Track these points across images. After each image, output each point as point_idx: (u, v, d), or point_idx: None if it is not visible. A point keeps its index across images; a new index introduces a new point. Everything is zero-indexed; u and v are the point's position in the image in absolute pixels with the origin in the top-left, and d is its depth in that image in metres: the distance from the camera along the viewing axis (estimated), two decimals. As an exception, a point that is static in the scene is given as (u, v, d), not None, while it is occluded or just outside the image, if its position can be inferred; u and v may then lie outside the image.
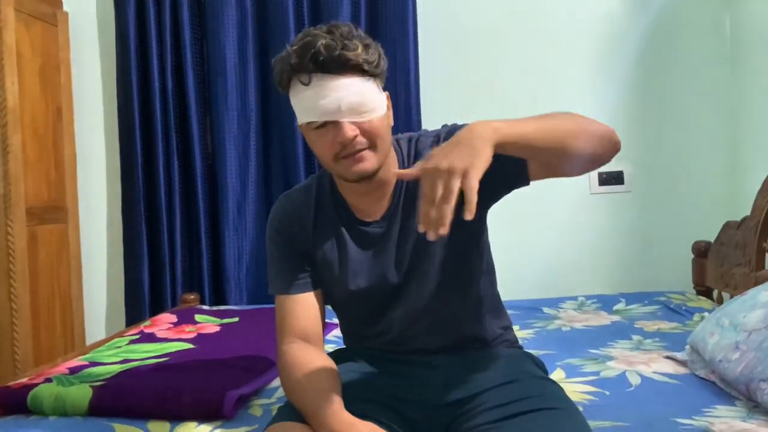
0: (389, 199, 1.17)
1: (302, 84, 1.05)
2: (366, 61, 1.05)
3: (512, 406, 1.03)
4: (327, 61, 1.03)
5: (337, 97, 1.03)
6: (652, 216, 2.65)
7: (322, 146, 1.08)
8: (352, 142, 1.05)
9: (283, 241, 1.20)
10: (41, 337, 2.46)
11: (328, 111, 1.04)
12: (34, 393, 1.39)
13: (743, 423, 1.19)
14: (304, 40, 1.05)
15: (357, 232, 1.17)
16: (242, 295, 2.67)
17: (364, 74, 1.06)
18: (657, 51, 2.64)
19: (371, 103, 1.06)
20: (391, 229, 1.16)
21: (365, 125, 1.06)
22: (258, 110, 2.68)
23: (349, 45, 1.04)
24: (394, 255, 1.16)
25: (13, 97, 2.34)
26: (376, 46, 1.09)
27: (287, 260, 1.19)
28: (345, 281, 1.18)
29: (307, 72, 1.04)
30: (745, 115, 2.50)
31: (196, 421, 1.31)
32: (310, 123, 1.07)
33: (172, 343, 1.87)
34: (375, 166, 1.09)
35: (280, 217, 1.22)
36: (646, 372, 1.53)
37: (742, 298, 1.52)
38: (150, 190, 2.68)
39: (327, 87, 1.04)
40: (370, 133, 1.07)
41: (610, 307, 2.29)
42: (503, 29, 2.68)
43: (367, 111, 1.06)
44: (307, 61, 1.03)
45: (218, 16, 2.62)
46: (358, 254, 1.17)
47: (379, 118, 1.08)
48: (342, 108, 1.04)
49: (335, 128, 1.05)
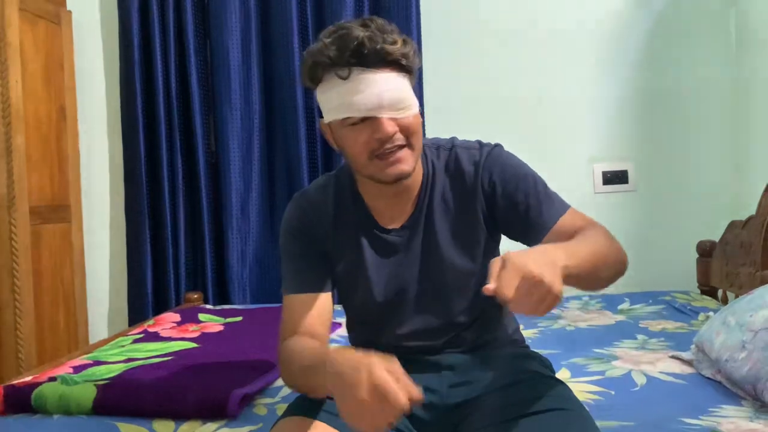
0: (413, 204, 1.14)
1: (339, 78, 1.01)
2: (404, 55, 1.03)
3: (521, 407, 1.02)
4: (369, 54, 0.99)
5: (377, 92, 1.00)
6: (657, 215, 2.65)
7: (357, 144, 1.04)
8: (392, 139, 1.02)
9: (303, 239, 1.15)
10: (45, 336, 2.46)
11: (368, 106, 1.01)
12: (39, 392, 1.39)
13: (750, 423, 1.19)
14: (340, 32, 1.01)
15: (376, 239, 1.14)
16: (246, 294, 2.67)
17: (402, 69, 1.04)
18: (661, 50, 2.63)
19: (409, 99, 1.04)
20: (412, 240, 1.13)
21: (404, 121, 1.03)
22: (261, 109, 2.68)
23: (388, 38, 1.01)
24: (412, 266, 1.13)
25: (16, 96, 2.33)
26: (412, 41, 1.07)
27: (305, 258, 1.14)
28: (360, 288, 1.15)
29: (347, 65, 1.00)
30: (750, 114, 2.49)
31: (201, 420, 1.31)
32: (346, 119, 1.03)
33: (176, 342, 1.87)
34: (412, 167, 1.06)
35: (298, 215, 1.16)
36: (651, 372, 1.52)
37: (749, 298, 1.51)
38: (153, 189, 2.68)
39: (366, 81, 1.00)
40: (408, 130, 1.04)
41: (614, 307, 2.28)
42: (507, 28, 2.68)
43: (405, 107, 1.03)
44: (347, 54, 0.99)
45: (221, 15, 2.62)
46: (376, 262, 1.14)
47: (415, 114, 1.05)
48: (383, 103, 1.01)
49: (373, 124, 1.02)
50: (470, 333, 1.17)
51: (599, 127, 2.67)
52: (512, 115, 2.65)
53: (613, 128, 2.66)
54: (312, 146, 2.65)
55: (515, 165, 1.13)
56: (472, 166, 1.12)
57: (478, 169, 1.12)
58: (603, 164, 2.66)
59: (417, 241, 1.13)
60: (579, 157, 2.67)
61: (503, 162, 1.12)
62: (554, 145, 2.64)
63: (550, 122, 2.66)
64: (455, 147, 1.16)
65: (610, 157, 2.66)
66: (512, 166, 1.13)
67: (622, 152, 2.66)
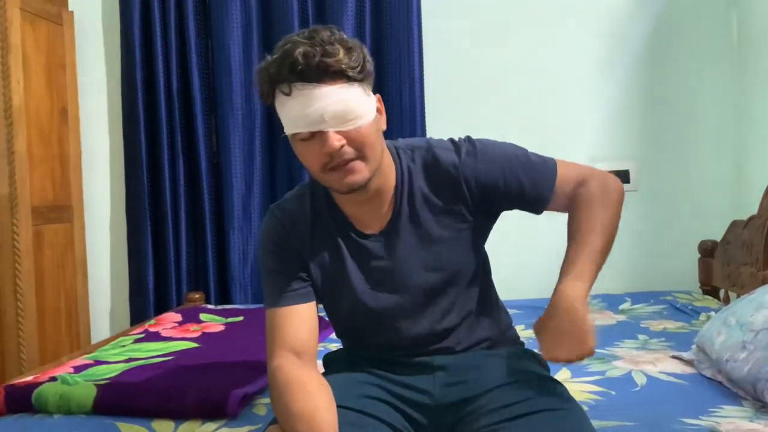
0: (389, 207, 1.12)
1: (284, 94, 1.01)
2: (348, 66, 1.00)
3: (516, 407, 1.02)
4: (306, 69, 0.98)
5: (320, 106, 0.99)
6: (658, 215, 2.64)
7: (310, 158, 1.04)
8: (340, 152, 1.01)
9: (281, 252, 1.13)
10: (46, 336, 2.47)
11: (312, 121, 1.00)
12: (39, 391, 1.39)
13: (750, 423, 1.18)
14: (284, 48, 1.00)
15: (355, 245, 1.13)
16: (247, 294, 2.67)
17: (348, 80, 1.01)
18: (662, 49, 2.63)
19: (357, 110, 1.01)
20: (392, 245, 1.12)
21: (352, 134, 1.01)
22: (263, 110, 2.68)
23: (329, 51, 0.99)
24: (396, 271, 1.12)
25: (18, 97, 2.34)
26: (361, 48, 1.04)
27: (284, 272, 1.12)
28: (344, 296, 1.14)
29: (287, 82, 1.00)
30: (752, 114, 2.48)
31: (201, 420, 1.31)
32: (296, 134, 1.03)
33: (177, 342, 1.87)
34: (366, 177, 1.04)
35: (276, 228, 1.15)
36: (652, 372, 1.52)
37: (750, 298, 1.51)
38: (155, 190, 2.68)
39: (309, 96, 0.99)
40: (357, 142, 1.02)
41: (615, 307, 2.28)
42: (507, 28, 2.68)
43: (353, 119, 1.01)
44: (286, 71, 0.99)
45: (223, 16, 2.62)
46: (357, 269, 1.13)
47: (367, 124, 1.03)
48: (326, 117, 0.99)
49: (321, 138, 1.01)
50: (461, 332, 1.16)
51: (600, 126, 2.66)
52: (513, 114, 2.65)
53: (615, 128, 2.66)
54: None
55: (493, 153, 1.13)
56: (452, 165, 1.11)
57: (459, 168, 1.11)
58: (604, 164, 2.65)
59: (399, 244, 1.12)
60: (580, 157, 2.62)
61: (482, 154, 1.12)
62: (555, 145, 2.60)
63: (551, 122, 2.65)
64: (432, 147, 1.14)
65: (611, 156, 2.66)
66: (491, 156, 1.12)
67: (623, 152, 2.66)
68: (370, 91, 1.07)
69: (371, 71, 1.06)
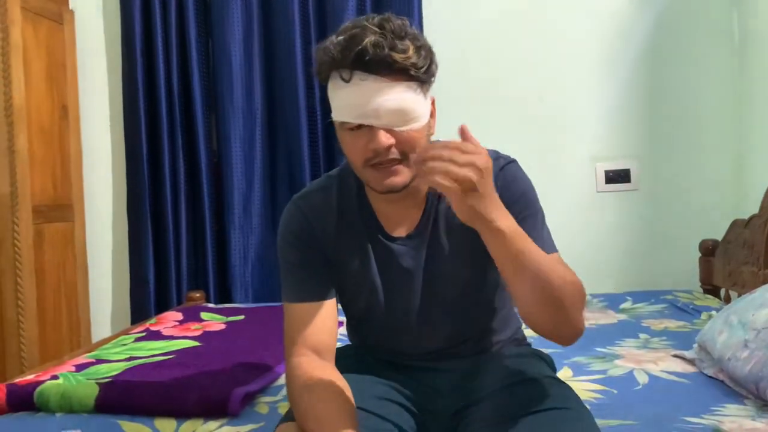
0: (420, 210, 1.10)
1: (342, 80, 0.97)
2: (414, 65, 0.97)
3: (521, 407, 1.01)
4: (372, 60, 0.94)
5: (378, 100, 0.95)
6: (659, 214, 2.64)
7: (354, 149, 1.00)
8: (386, 152, 0.98)
9: (304, 246, 1.09)
10: (47, 334, 2.47)
11: (365, 114, 0.96)
12: (41, 390, 1.39)
13: (752, 422, 1.18)
14: (352, 31, 0.96)
15: (382, 247, 1.10)
16: (248, 293, 2.67)
17: (411, 79, 0.97)
18: (663, 48, 2.62)
19: (413, 111, 0.98)
20: (418, 250, 1.10)
21: (402, 135, 0.98)
22: (263, 108, 2.68)
23: (398, 45, 0.95)
24: (417, 277, 1.10)
25: (19, 96, 2.34)
26: (430, 48, 1.01)
27: (307, 266, 1.09)
28: (363, 296, 1.12)
29: (348, 68, 0.96)
30: (753, 113, 2.48)
31: (203, 419, 1.31)
32: (344, 123, 1.00)
33: (178, 341, 1.87)
34: (406, 181, 1.01)
35: (300, 220, 1.10)
36: (653, 371, 1.52)
37: (751, 296, 1.51)
38: (156, 188, 2.68)
39: (368, 88, 0.95)
40: (406, 145, 0.98)
41: (616, 306, 2.27)
42: (509, 27, 2.68)
43: (408, 120, 0.98)
44: (350, 58, 0.95)
45: (223, 14, 2.62)
46: (380, 271, 1.10)
47: (419, 128, 1.00)
48: (381, 113, 0.96)
49: (370, 133, 0.98)
50: (474, 340, 1.16)
51: (601, 125, 2.66)
52: (514, 114, 2.65)
53: (616, 127, 2.66)
54: (314, 144, 2.65)
55: (527, 191, 1.09)
56: None
57: (496, 176, 1.04)
58: (605, 163, 2.66)
59: (422, 251, 1.10)
60: (581, 156, 2.66)
61: (518, 182, 1.07)
62: (556, 144, 2.64)
63: (553, 121, 2.65)
64: None
65: (613, 156, 2.66)
66: (525, 192, 1.08)
67: (624, 151, 2.66)
68: (429, 94, 1.04)
69: (435, 74, 1.03)
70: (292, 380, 1.03)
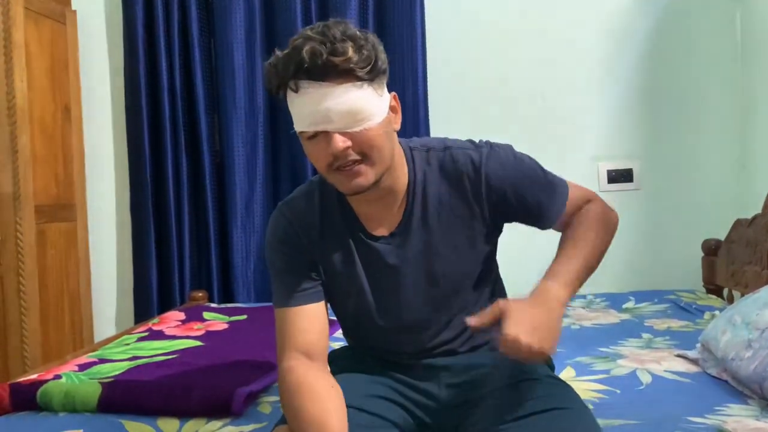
0: (401, 208, 1.10)
1: (292, 91, 0.99)
2: (357, 65, 0.97)
3: (522, 407, 1.01)
4: (312, 67, 0.95)
5: (327, 105, 0.96)
6: (662, 214, 2.64)
7: (316, 157, 1.02)
8: (344, 154, 0.98)
9: (290, 251, 1.11)
10: (50, 334, 2.47)
11: (317, 121, 0.97)
12: (44, 389, 1.39)
13: (756, 422, 1.18)
14: (295, 43, 0.98)
15: (365, 247, 1.11)
16: (250, 292, 2.67)
17: (357, 79, 0.97)
18: (666, 48, 2.62)
19: (364, 111, 0.98)
20: (401, 249, 1.10)
21: (358, 135, 0.98)
22: (266, 108, 2.68)
23: (338, 49, 0.95)
24: (406, 274, 1.10)
25: (21, 95, 2.34)
26: (374, 45, 1.01)
27: (294, 271, 1.11)
28: (352, 297, 1.13)
29: (294, 79, 0.98)
30: (756, 112, 2.48)
31: (205, 418, 1.31)
32: (303, 132, 1.01)
33: (181, 341, 1.87)
34: (371, 181, 1.01)
35: (283, 225, 1.13)
36: (657, 370, 1.52)
37: (755, 296, 1.51)
38: (158, 188, 2.68)
39: (316, 94, 0.96)
40: (363, 144, 0.99)
41: (619, 306, 2.27)
42: (511, 27, 2.67)
43: (360, 120, 0.98)
44: (293, 68, 0.96)
45: (226, 13, 2.62)
46: (365, 271, 1.11)
47: (375, 126, 0.99)
48: (332, 117, 0.96)
49: (326, 138, 0.98)
50: (466, 335, 1.15)
51: (604, 125, 2.66)
52: (516, 114, 2.65)
53: (618, 127, 2.65)
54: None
55: (516, 162, 1.11)
56: (472, 167, 1.08)
57: (480, 170, 1.08)
58: (608, 163, 2.66)
59: (410, 247, 1.10)
60: (583, 156, 2.66)
61: (504, 161, 1.09)
62: (558, 144, 2.63)
63: (555, 121, 2.65)
64: (449, 148, 1.11)
65: (615, 155, 2.65)
66: (514, 165, 1.10)
67: (626, 151, 2.65)
68: (384, 90, 1.03)
69: (384, 69, 1.03)
70: (283, 384, 1.05)
